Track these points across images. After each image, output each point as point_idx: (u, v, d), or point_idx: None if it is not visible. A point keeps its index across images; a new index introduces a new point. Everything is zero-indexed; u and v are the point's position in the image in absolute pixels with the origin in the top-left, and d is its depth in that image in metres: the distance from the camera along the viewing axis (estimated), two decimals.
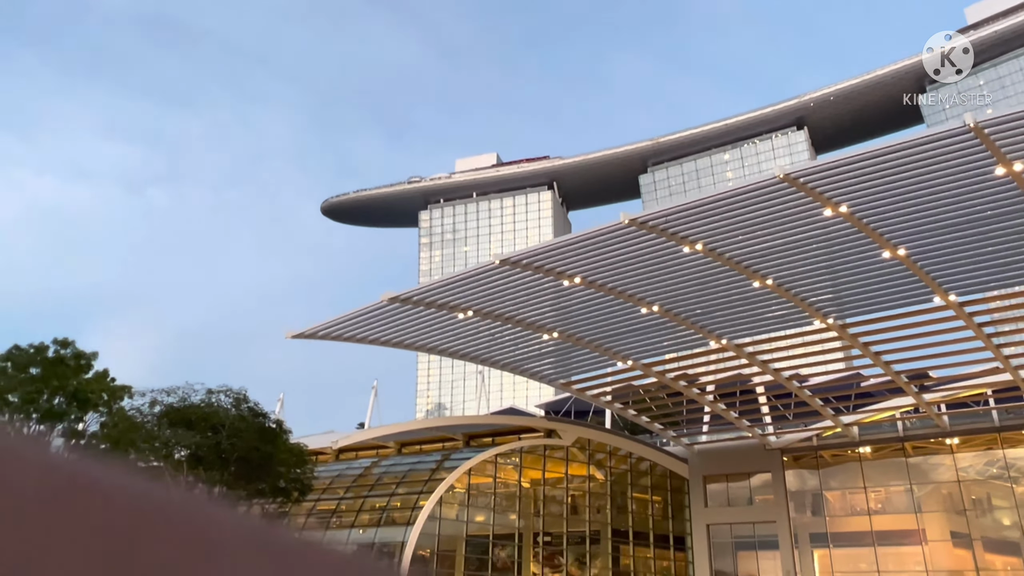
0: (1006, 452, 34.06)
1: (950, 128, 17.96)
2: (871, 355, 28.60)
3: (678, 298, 25.73)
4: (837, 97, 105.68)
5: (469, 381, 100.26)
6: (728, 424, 36.55)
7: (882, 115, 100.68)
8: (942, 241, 21.92)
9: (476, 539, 34.78)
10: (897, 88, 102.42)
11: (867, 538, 35.02)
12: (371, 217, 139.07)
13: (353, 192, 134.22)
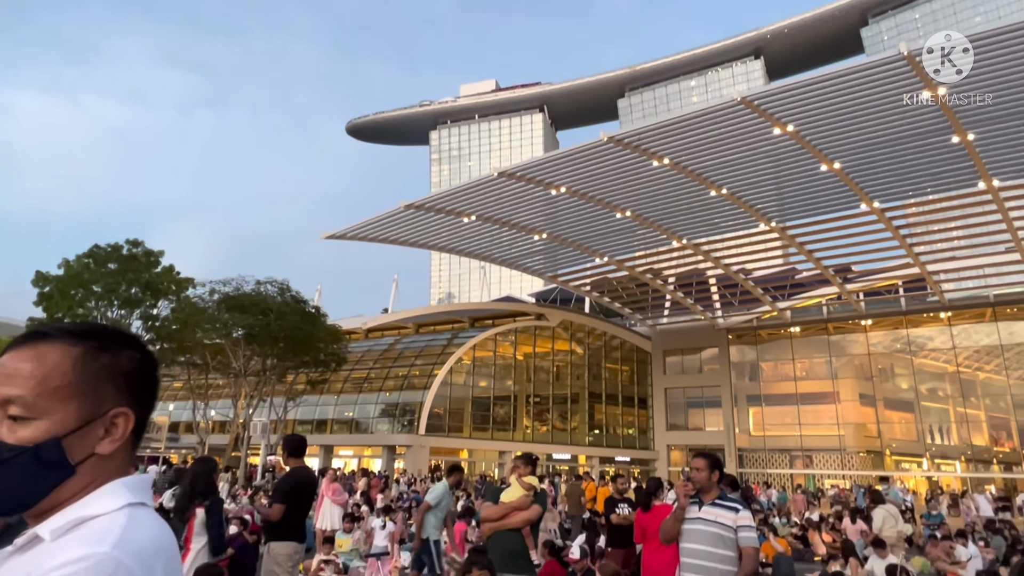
0: (909, 331, 34.91)
1: (886, 56, 17.24)
2: (805, 252, 28.73)
3: (647, 205, 25.51)
4: (791, 29, 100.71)
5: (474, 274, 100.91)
6: (685, 309, 37.17)
7: (831, 46, 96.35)
8: (872, 156, 21.52)
9: (480, 400, 36.06)
10: (844, 21, 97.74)
11: (792, 399, 36.42)
12: (389, 136, 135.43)
13: (372, 114, 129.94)
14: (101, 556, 0.81)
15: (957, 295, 33.22)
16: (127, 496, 0.92)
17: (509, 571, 4.55)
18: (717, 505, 4.11)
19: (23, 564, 0.84)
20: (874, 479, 31.24)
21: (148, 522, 0.92)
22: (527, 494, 4.84)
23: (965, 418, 33.72)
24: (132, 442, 0.97)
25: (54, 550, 0.83)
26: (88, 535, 0.85)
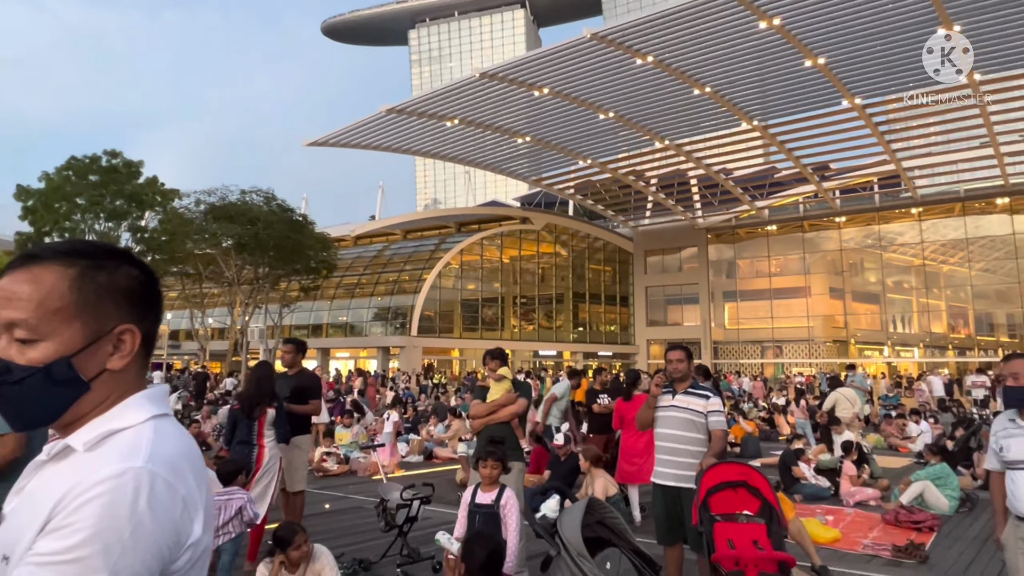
0: (880, 227, 35.26)
1: None
2: (785, 151, 28.37)
3: (630, 105, 24.76)
4: None
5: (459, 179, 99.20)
6: (666, 210, 37.10)
7: None
8: (857, 50, 20.81)
9: (469, 302, 36.55)
10: None
11: (766, 294, 37.27)
12: (366, 36, 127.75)
13: (348, 13, 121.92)
14: (137, 471, 0.85)
15: (929, 191, 33.33)
16: (150, 408, 0.96)
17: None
18: (689, 393, 4.30)
19: (62, 472, 0.88)
20: (838, 366, 32.71)
21: (173, 433, 0.96)
22: (511, 389, 5.01)
23: (927, 308, 34.92)
24: (143, 356, 0.99)
25: (91, 462, 0.87)
26: (121, 448, 0.89)
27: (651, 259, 40.71)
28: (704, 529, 3.62)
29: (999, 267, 33.02)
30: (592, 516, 3.14)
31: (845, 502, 8.01)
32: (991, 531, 3.61)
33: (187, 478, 0.91)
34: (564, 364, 35.75)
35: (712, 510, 3.64)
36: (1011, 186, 30.56)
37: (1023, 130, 26.82)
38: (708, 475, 3.72)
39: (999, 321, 33.85)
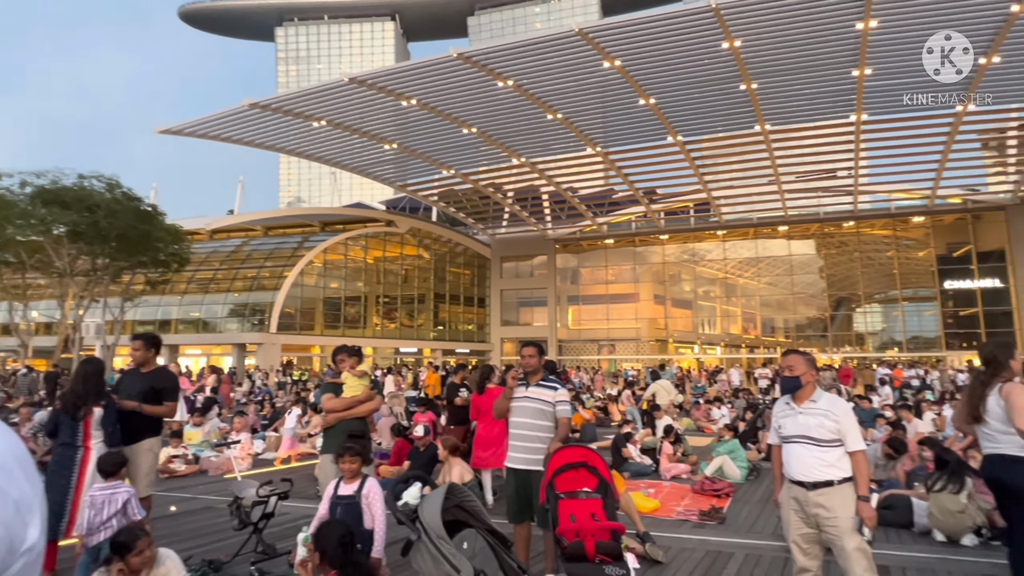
0: (694, 245, 39.40)
1: (698, 6, 18.11)
2: (622, 175, 30.63)
3: (492, 123, 25.24)
4: None
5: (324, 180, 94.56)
6: (520, 221, 38.30)
7: None
8: (679, 95, 23.01)
9: (331, 300, 34.92)
10: None
11: (603, 299, 39.93)
12: (229, 27, 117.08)
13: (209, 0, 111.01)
14: None
15: (731, 217, 37.82)
16: None
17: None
18: (541, 385, 4.48)
19: None
20: (659, 361, 35.87)
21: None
22: (369, 387, 4.91)
23: (727, 313, 39.66)
24: None
25: None
26: None
27: (506, 265, 41.83)
28: (550, 506, 3.78)
29: (780, 281, 38.38)
30: (451, 500, 3.15)
31: (663, 477, 8.81)
32: (772, 494, 4.17)
33: (19, 479, 0.78)
34: (424, 361, 35.49)
35: (557, 489, 3.82)
36: (789, 216, 35.66)
37: (799, 172, 31.44)
38: (554, 458, 3.89)
39: (779, 325, 39.32)
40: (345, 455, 4.01)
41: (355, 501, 3.85)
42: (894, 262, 35.72)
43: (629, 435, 9.88)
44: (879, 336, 37.12)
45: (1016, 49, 18.88)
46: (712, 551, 5.41)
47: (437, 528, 2.92)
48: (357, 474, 3.98)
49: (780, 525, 3.70)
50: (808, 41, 19.29)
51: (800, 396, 3.67)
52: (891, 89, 22.03)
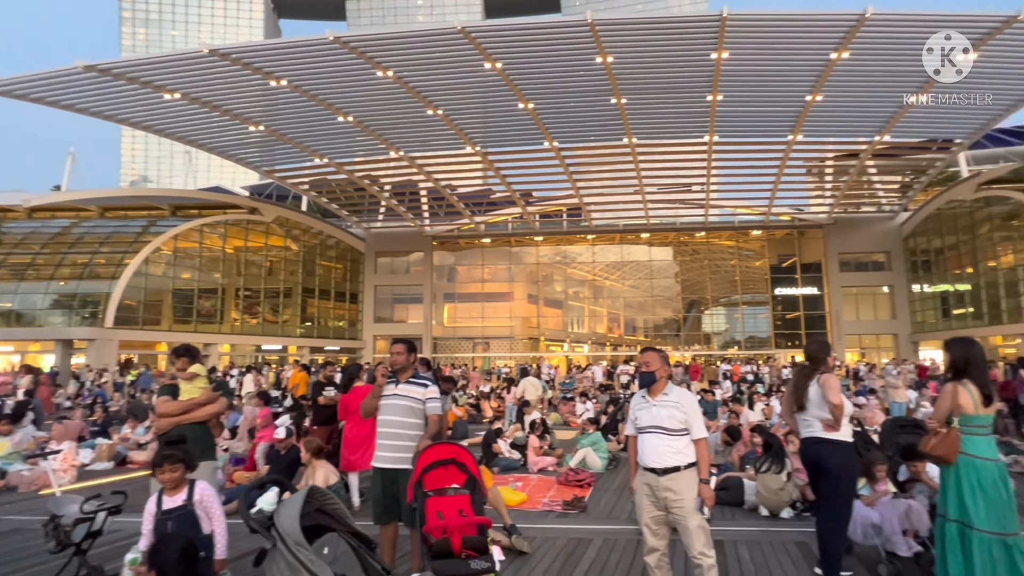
0: (566, 248, 41.25)
1: (575, 19, 18.95)
2: (500, 176, 31.18)
3: (369, 113, 24.43)
4: None
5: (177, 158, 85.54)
6: (397, 215, 37.53)
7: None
8: (557, 103, 23.92)
9: (182, 292, 31.71)
10: None
11: (479, 297, 40.39)
12: None
13: None
14: None
15: (600, 222, 40.06)
16: None
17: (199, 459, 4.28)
18: (411, 383, 4.41)
19: None
20: (531, 359, 36.97)
21: None
22: (210, 388, 4.54)
23: (594, 313, 41.99)
24: None
25: None
26: None
27: (381, 260, 40.75)
28: (418, 504, 3.74)
29: (641, 285, 41.37)
30: (311, 504, 2.99)
31: (531, 470, 9.10)
32: (628, 481, 4.46)
33: None
34: (290, 359, 33.47)
35: (425, 487, 3.78)
36: (651, 225, 38.57)
37: (660, 184, 34.11)
38: (424, 455, 3.85)
39: (639, 325, 42.38)
40: (164, 464, 3.75)
41: (188, 510, 3.60)
42: (736, 270, 40.08)
43: (500, 431, 10.07)
44: (723, 336, 41.44)
45: (834, 90, 22.02)
46: (574, 538, 5.69)
47: (295, 534, 2.75)
48: (182, 482, 3.73)
49: (635, 510, 3.98)
50: (671, 64, 20.99)
51: (654, 390, 3.97)
52: (738, 115, 24.69)
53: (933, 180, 31.59)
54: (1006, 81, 21.20)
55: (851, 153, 28.95)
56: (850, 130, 25.99)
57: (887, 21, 18.18)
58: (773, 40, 19.47)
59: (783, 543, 5.46)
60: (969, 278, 31.67)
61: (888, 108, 23.40)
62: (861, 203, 36.21)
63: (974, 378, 3.88)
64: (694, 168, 30.44)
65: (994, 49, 19.14)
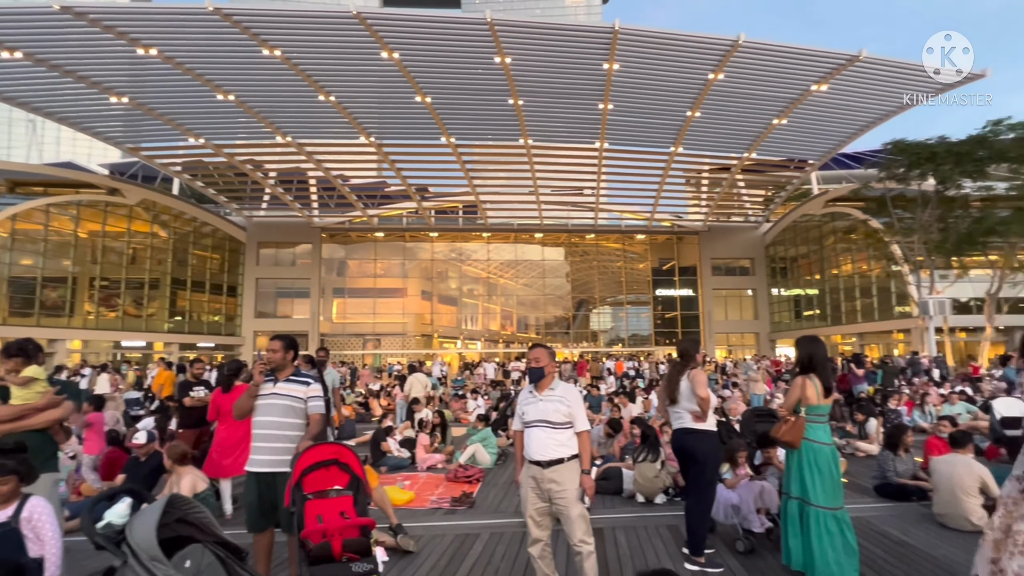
0: (462, 245, 41.22)
1: (475, 16, 18.98)
2: (395, 170, 30.48)
3: (254, 93, 22.84)
4: None
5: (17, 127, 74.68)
6: (283, 204, 35.47)
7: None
8: (455, 99, 23.80)
9: (22, 280, 27.79)
10: None
11: (371, 292, 39.27)
12: None
13: None
14: None
15: (496, 221, 40.48)
16: None
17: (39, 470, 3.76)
18: (291, 381, 4.17)
19: None
20: (424, 356, 36.56)
21: None
22: (47, 391, 4.02)
23: (488, 311, 42.36)
24: None
25: None
26: None
27: (264, 251, 38.30)
28: (296, 509, 3.55)
29: (534, 283, 42.38)
30: (171, 515, 2.72)
31: (419, 468, 9.00)
32: (515, 475, 4.54)
33: None
34: (155, 356, 30.46)
35: (305, 489, 3.60)
36: (544, 225, 39.62)
37: (554, 185, 35.12)
38: (304, 457, 3.66)
39: (532, 322, 43.38)
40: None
41: (10, 528, 3.15)
42: (622, 271, 42.30)
43: (389, 429, 9.85)
44: (608, 333, 43.55)
45: (711, 108, 23.91)
46: (461, 534, 5.70)
47: (150, 548, 2.49)
48: (13, 496, 3.27)
49: (521, 503, 4.05)
50: (567, 71, 21.66)
51: (542, 385, 4.07)
52: (626, 125, 26.03)
53: (790, 195, 35.35)
54: (850, 112, 24.20)
55: (724, 167, 31.62)
56: (723, 146, 28.35)
57: (756, 49, 20.05)
58: (659, 56, 20.74)
59: (656, 527, 5.84)
60: (817, 283, 35.86)
61: (755, 128, 25.83)
62: (731, 213, 39.66)
63: (818, 372, 4.38)
64: (586, 172, 31.68)
65: (841, 83, 21.78)
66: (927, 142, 22.98)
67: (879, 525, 5.73)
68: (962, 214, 24.21)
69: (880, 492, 6.79)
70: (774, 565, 4.64)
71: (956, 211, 24.28)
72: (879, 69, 21.10)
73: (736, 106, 23.87)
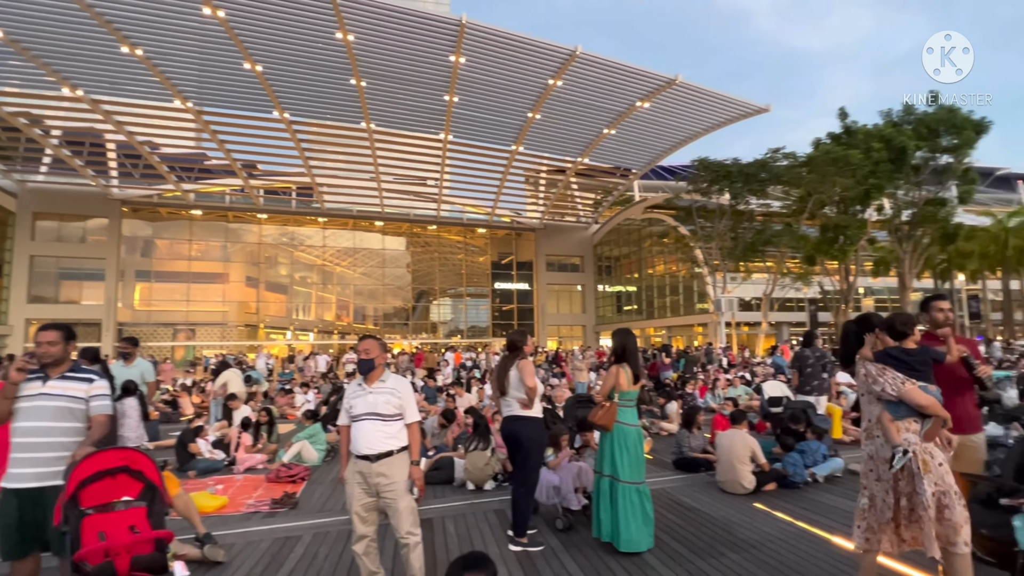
0: (294, 229, 38.55)
1: None
2: (218, 141, 27.49)
3: (35, 34, 18.99)
4: None
5: None
6: (71, 170, 30.07)
7: None
8: (292, 72, 22.13)
9: None
10: None
11: (184, 277, 35.05)
12: None
13: None
14: None
15: (333, 206, 38.51)
16: None
17: None
18: (67, 378, 3.54)
19: None
20: (248, 348, 33.66)
21: None
22: None
23: (322, 300, 40.19)
24: None
25: None
26: None
27: (43, 224, 32.15)
28: (70, 527, 3.03)
29: (373, 273, 41.15)
30: None
31: (237, 470, 8.26)
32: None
33: None
34: None
35: (83, 504, 3.09)
36: (386, 213, 38.62)
37: (397, 173, 34.38)
38: (81, 466, 3.14)
39: (369, 313, 42.10)
40: None
41: None
42: (462, 264, 42.89)
43: (200, 428, 8.89)
44: (448, 325, 43.92)
45: (551, 112, 25.20)
46: (280, 538, 5.34)
47: None
48: None
49: (346, 500, 3.91)
50: (413, 57, 21.31)
51: (372, 377, 3.96)
52: (471, 120, 26.38)
53: (616, 200, 38.70)
54: (668, 129, 27.14)
55: (560, 169, 33.57)
56: (560, 149, 30.08)
57: (591, 62, 21.55)
58: (505, 56, 21.32)
59: (484, 512, 6.03)
60: (635, 281, 39.78)
61: (589, 135, 27.80)
62: (565, 213, 42.29)
63: (629, 361, 4.84)
64: (430, 163, 31.50)
65: (661, 102, 24.32)
66: (724, 162, 26.61)
67: (675, 494, 6.53)
68: (748, 226, 28.48)
69: (677, 465, 7.73)
70: (588, 539, 5.05)
71: (744, 223, 28.49)
72: (692, 94, 23.96)
73: (573, 113, 25.45)
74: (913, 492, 3.25)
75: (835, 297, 29.72)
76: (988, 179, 47.42)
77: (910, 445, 3.30)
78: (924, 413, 3.36)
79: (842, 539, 4.90)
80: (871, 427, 3.59)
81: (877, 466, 3.49)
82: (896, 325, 3.62)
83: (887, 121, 26.24)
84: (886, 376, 3.44)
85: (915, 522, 3.28)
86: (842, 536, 4.96)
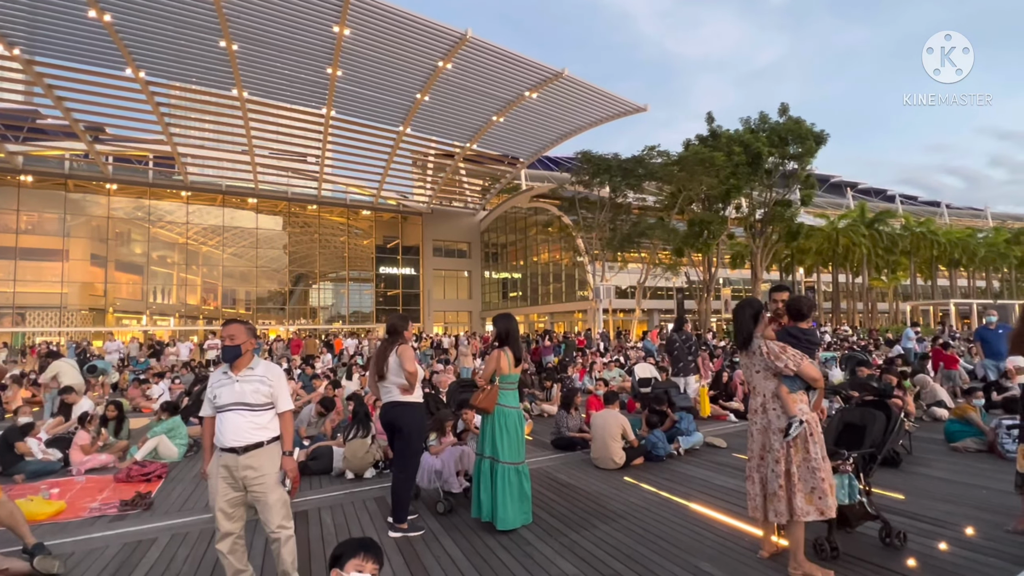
0: (151, 202, 34.78)
1: None
2: (54, 98, 23.96)
3: None
4: None
5: None
6: None
7: None
8: (148, 26, 19.78)
9: None
10: None
11: (10, 253, 30.41)
12: None
13: None
14: None
15: (198, 179, 35.25)
16: None
17: None
18: None
19: None
20: (93, 334, 30.06)
21: None
22: None
23: (185, 282, 36.71)
24: None
25: None
26: None
27: None
28: None
29: (245, 253, 38.31)
30: None
31: (76, 471, 7.36)
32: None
33: None
34: None
35: None
36: (260, 191, 36.04)
37: (273, 148, 32.16)
38: None
39: (240, 296, 39.21)
40: None
41: None
42: (345, 247, 41.26)
43: (30, 425, 7.79)
44: (329, 310, 42.13)
45: (440, 95, 24.83)
46: (131, 542, 4.85)
47: None
48: None
49: (209, 497, 3.63)
50: (292, 24, 19.93)
51: (238, 365, 3.70)
52: (356, 96, 25.29)
53: (503, 188, 39.18)
54: (554, 120, 27.87)
55: (448, 154, 33.30)
56: (449, 133, 29.82)
57: (481, 47, 21.51)
58: (393, 32, 20.63)
59: (364, 501, 5.90)
60: (521, 268, 40.67)
61: (477, 121, 27.80)
62: (453, 198, 42.11)
63: (511, 345, 4.95)
64: (310, 139, 29.84)
65: (549, 94, 24.89)
66: (605, 156, 27.92)
67: (553, 473, 6.82)
68: (625, 218, 30.19)
69: (556, 445, 8.08)
70: (469, 520, 5.13)
71: (622, 215, 30.15)
72: (577, 89, 24.78)
73: (462, 98, 25.29)
74: (805, 458, 3.61)
75: (699, 286, 32.49)
76: (824, 185, 54.19)
77: (804, 415, 3.68)
78: (813, 386, 3.77)
79: (699, 505, 5.40)
80: (766, 401, 3.84)
81: (768, 438, 3.77)
82: (803, 308, 4.00)
83: (746, 128, 28.97)
84: (788, 353, 3.77)
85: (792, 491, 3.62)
86: (699, 503, 5.47)
